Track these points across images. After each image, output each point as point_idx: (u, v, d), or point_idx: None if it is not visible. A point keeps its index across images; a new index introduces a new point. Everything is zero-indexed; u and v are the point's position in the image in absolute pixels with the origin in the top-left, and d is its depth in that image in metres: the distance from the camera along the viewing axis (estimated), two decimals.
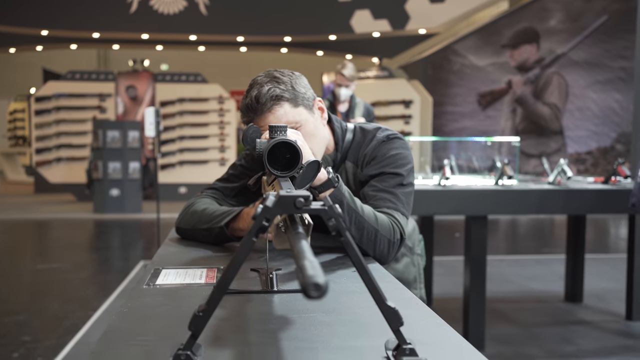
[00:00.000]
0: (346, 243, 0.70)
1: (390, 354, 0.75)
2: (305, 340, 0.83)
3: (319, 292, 0.54)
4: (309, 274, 0.55)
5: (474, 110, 10.39)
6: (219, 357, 0.76)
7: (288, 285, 1.12)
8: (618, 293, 4.32)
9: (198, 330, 0.71)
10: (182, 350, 0.71)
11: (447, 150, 4.14)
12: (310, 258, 0.59)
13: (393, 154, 1.58)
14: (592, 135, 9.71)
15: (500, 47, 10.20)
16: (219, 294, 0.70)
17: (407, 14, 11.23)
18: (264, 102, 1.44)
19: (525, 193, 3.21)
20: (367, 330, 0.88)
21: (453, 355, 0.78)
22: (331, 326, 0.89)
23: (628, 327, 3.66)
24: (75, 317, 3.85)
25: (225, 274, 0.70)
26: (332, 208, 0.70)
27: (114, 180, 8.94)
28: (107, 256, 6.27)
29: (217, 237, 1.49)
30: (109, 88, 10.50)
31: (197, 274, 1.20)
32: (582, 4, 9.67)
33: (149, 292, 1.08)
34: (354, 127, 1.70)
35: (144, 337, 0.84)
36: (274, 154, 1.05)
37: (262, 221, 0.69)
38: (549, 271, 5.22)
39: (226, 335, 0.85)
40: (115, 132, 8.91)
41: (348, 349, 0.80)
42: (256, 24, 11.74)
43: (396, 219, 1.46)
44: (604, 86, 9.56)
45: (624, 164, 3.38)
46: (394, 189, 1.53)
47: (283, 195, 0.69)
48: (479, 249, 3.18)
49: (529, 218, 8.95)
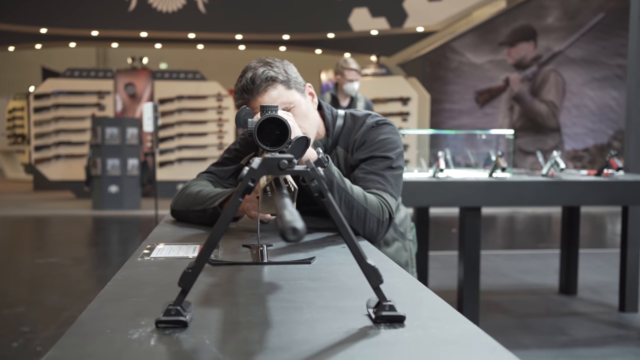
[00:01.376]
0: (328, 203, 0.74)
1: (371, 311, 0.78)
2: (291, 302, 0.86)
3: (296, 235, 0.57)
4: (287, 219, 0.58)
5: (472, 108, 10.42)
6: (207, 314, 0.80)
7: (278, 258, 1.16)
8: (611, 286, 4.36)
9: (187, 286, 0.75)
10: (172, 306, 0.74)
11: (442, 146, 4.17)
12: (290, 209, 0.62)
13: (382, 138, 1.62)
14: (589, 132, 9.75)
15: (498, 45, 10.24)
16: (208, 250, 0.74)
17: (405, 12, 11.26)
18: (259, 83, 1.49)
19: (518, 185, 3.25)
20: (350, 293, 0.92)
21: (430, 313, 0.81)
22: (317, 290, 0.93)
23: (621, 318, 3.70)
24: (74, 309, 3.89)
25: (214, 231, 0.74)
26: (314, 170, 0.74)
27: (112, 177, 8.97)
28: (106, 251, 6.31)
29: (211, 218, 1.53)
30: (107, 85, 10.53)
31: (190, 249, 1.24)
32: (578, 2, 9.71)
33: (143, 263, 1.12)
34: (344, 114, 1.74)
35: (137, 299, 0.87)
36: (264, 130, 1.08)
37: (248, 182, 0.73)
38: (544, 265, 5.26)
39: (216, 298, 0.88)
40: (114, 129, 8.94)
41: (331, 308, 0.83)
42: (255, 22, 11.78)
43: (385, 199, 1.50)
44: (601, 83, 9.60)
45: (617, 156, 3.42)
46: (383, 171, 1.57)
47: (268, 158, 0.73)
48: (472, 240, 3.22)
49: (525, 214, 8.99)
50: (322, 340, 0.70)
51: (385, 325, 0.75)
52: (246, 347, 0.67)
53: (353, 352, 0.67)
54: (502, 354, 0.66)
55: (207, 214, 1.53)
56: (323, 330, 0.74)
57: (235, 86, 1.57)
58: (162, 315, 0.74)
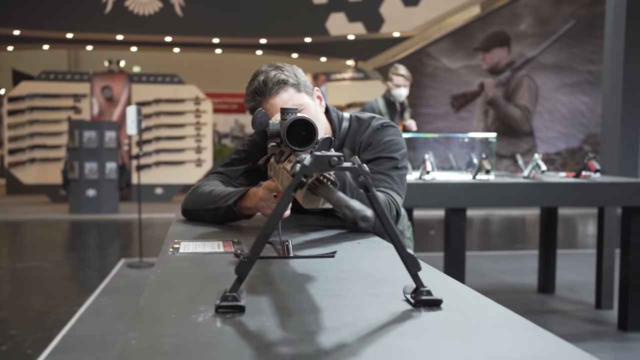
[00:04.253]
0: (372, 197, 0.81)
1: (409, 296, 0.85)
2: (329, 290, 0.93)
3: (368, 222, 0.64)
4: (358, 208, 0.65)
5: (448, 112, 10.60)
6: (257, 301, 0.86)
7: (301, 253, 1.22)
8: (587, 285, 4.51)
9: (243, 274, 0.81)
10: (229, 292, 0.80)
11: (423, 150, 4.27)
12: (353, 201, 0.69)
13: (388, 140, 1.70)
14: (560, 136, 10.00)
15: (473, 50, 10.43)
16: (262, 241, 0.80)
17: (381, 17, 11.41)
18: (271, 86, 1.55)
19: (502, 186, 3.36)
20: (381, 282, 0.99)
21: (462, 299, 0.89)
22: (350, 280, 1.00)
23: (597, 315, 3.84)
24: (60, 313, 3.88)
25: (267, 223, 0.80)
26: (360, 166, 0.81)
27: (90, 181, 8.90)
28: (87, 255, 6.27)
29: (224, 216, 1.58)
30: (84, 88, 10.44)
31: (214, 245, 1.29)
32: (550, 9, 9.97)
33: (175, 258, 1.17)
34: (349, 117, 1.81)
35: (184, 288, 0.93)
36: (291, 131, 1.15)
37: (301, 177, 0.79)
38: (522, 265, 5.40)
39: (259, 288, 0.94)
40: (92, 132, 8.88)
41: (370, 295, 0.90)
42: (232, 25, 11.79)
43: (392, 197, 1.58)
44: (572, 89, 9.85)
45: (595, 158, 3.56)
46: (390, 171, 1.64)
47: (319, 155, 0.79)
48: (458, 240, 3.32)
49: (501, 216, 9.18)
50: (371, 321, 0.77)
51: (425, 308, 0.82)
52: (306, 328, 0.74)
53: (403, 329, 0.74)
54: (539, 332, 0.73)
55: (221, 212, 1.58)
56: (369, 313, 0.80)
57: (247, 89, 1.62)
58: (221, 301, 0.80)
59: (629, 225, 3.43)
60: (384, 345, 0.68)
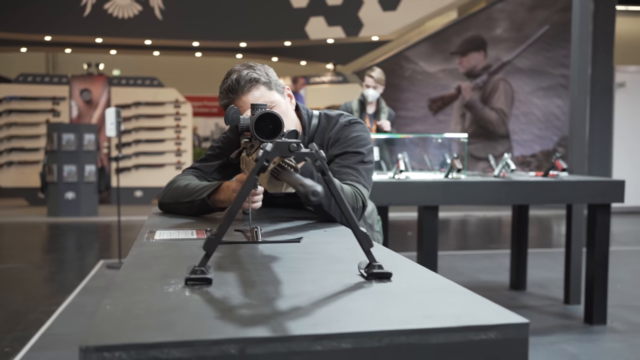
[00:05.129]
0: (329, 180, 0.89)
1: (363, 271, 0.94)
2: (292, 267, 1.01)
3: (317, 197, 0.72)
4: (309, 184, 0.73)
5: (426, 115, 10.76)
6: (224, 276, 0.94)
7: (270, 239, 1.30)
8: (557, 281, 4.65)
9: (211, 251, 0.89)
10: (197, 267, 0.88)
11: (398, 151, 4.37)
12: (306, 179, 0.77)
13: (354, 135, 1.79)
14: (536, 139, 10.20)
15: (450, 54, 10.61)
16: (229, 219, 0.88)
17: (360, 22, 11.53)
18: (243, 84, 1.63)
19: (473, 185, 3.47)
20: (341, 261, 1.07)
21: (412, 272, 0.98)
22: (312, 260, 1.08)
23: (566, 309, 3.97)
24: (39, 312, 3.91)
25: (233, 204, 0.88)
26: (317, 152, 0.89)
27: (69, 184, 8.88)
28: (66, 257, 6.28)
29: (199, 208, 1.66)
30: (62, 91, 10.41)
31: (188, 233, 1.37)
32: (525, 14, 10.18)
33: (150, 244, 1.24)
34: (319, 114, 1.90)
35: (158, 267, 1.01)
36: (259, 125, 1.23)
37: (263, 162, 0.87)
38: (496, 264, 5.53)
39: (227, 266, 1.02)
40: (71, 135, 8.86)
41: (328, 271, 0.99)
42: (211, 29, 11.83)
43: (358, 189, 1.67)
44: (547, 92, 10.07)
45: (561, 157, 3.69)
46: (356, 165, 1.73)
47: (280, 142, 0.87)
48: (431, 236, 3.42)
49: (477, 217, 9.34)
50: (327, 290, 0.85)
51: (376, 280, 0.91)
52: (266, 295, 0.82)
53: (354, 297, 0.82)
54: (471, 296, 0.82)
55: (195, 205, 1.65)
56: (326, 284, 0.89)
57: (220, 87, 1.71)
58: (190, 274, 0.88)
59: (594, 223, 3.56)
60: (334, 307, 0.77)
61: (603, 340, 3.37)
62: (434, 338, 0.68)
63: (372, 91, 4.93)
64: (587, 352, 3.17)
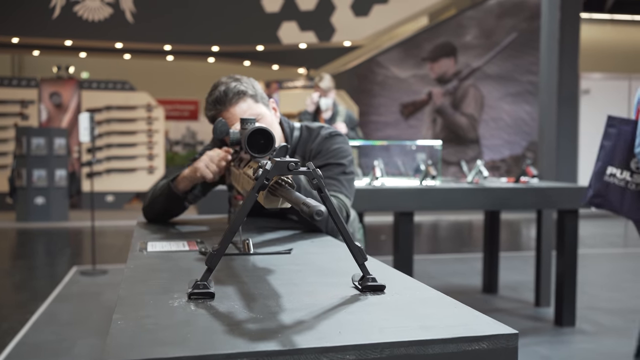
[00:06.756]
0: (325, 197, 0.94)
1: (357, 283, 0.99)
2: (287, 280, 1.05)
3: (321, 216, 0.77)
4: (313, 205, 0.78)
5: (397, 120, 10.88)
6: (225, 290, 0.97)
7: (260, 250, 1.34)
8: (528, 284, 4.77)
9: (213, 265, 0.92)
10: (200, 282, 0.92)
11: (372, 157, 4.44)
12: (308, 199, 0.82)
13: (336, 147, 1.84)
14: (505, 144, 10.40)
15: (421, 60, 10.75)
16: (230, 235, 0.92)
17: (332, 27, 11.62)
18: (231, 96, 1.67)
19: (447, 191, 3.55)
20: (333, 273, 1.12)
21: (403, 284, 1.03)
22: (304, 272, 1.12)
23: (537, 312, 4.08)
24: (13, 320, 3.86)
25: (235, 219, 0.92)
26: (315, 170, 0.93)
27: (39, 189, 8.74)
28: (37, 263, 6.18)
29: (169, 198, 1.75)
30: (31, 94, 10.25)
31: (179, 244, 1.40)
32: (494, 22, 10.38)
33: (144, 256, 1.27)
34: (300, 126, 1.94)
35: (158, 281, 1.04)
36: (251, 139, 1.26)
37: (264, 180, 0.91)
38: (468, 267, 5.64)
39: (224, 279, 1.06)
40: (41, 139, 8.73)
41: (322, 283, 1.03)
42: (183, 32, 11.77)
43: (342, 200, 1.72)
44: (515, 98, 10.29)
45: (532, 164, 3.80)
46: (338, 176, 1.79)
47: (279, 161, 0.91)
48: (406, 242, 3.49)
49: (448, 221, 9.48)
50: (325, 303, 0.90)
51: (371, 292, 0.96)
52: (269, 309, 0.86)
53: (352, 309, 0.87)
54: (462, 308, 0.87)
55: (164, 194, 1.75)
56: (323, 297, 0.93)
57: (207, 98, 1.74)
58: (193, 289, 0.91)
59: (563, 228, 3.67)
60: (335, 320, 0.81)
61: (573, 342, 3.48)
62: (430, 349, 0.73)
63: (323, 100, 5.11)
64: (557, 353, 3.27)
